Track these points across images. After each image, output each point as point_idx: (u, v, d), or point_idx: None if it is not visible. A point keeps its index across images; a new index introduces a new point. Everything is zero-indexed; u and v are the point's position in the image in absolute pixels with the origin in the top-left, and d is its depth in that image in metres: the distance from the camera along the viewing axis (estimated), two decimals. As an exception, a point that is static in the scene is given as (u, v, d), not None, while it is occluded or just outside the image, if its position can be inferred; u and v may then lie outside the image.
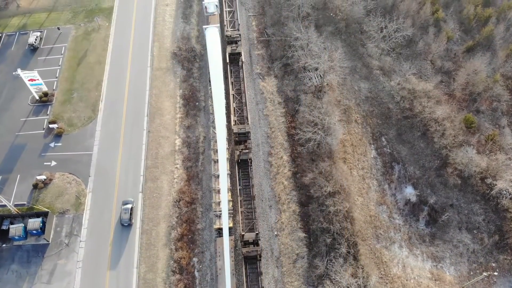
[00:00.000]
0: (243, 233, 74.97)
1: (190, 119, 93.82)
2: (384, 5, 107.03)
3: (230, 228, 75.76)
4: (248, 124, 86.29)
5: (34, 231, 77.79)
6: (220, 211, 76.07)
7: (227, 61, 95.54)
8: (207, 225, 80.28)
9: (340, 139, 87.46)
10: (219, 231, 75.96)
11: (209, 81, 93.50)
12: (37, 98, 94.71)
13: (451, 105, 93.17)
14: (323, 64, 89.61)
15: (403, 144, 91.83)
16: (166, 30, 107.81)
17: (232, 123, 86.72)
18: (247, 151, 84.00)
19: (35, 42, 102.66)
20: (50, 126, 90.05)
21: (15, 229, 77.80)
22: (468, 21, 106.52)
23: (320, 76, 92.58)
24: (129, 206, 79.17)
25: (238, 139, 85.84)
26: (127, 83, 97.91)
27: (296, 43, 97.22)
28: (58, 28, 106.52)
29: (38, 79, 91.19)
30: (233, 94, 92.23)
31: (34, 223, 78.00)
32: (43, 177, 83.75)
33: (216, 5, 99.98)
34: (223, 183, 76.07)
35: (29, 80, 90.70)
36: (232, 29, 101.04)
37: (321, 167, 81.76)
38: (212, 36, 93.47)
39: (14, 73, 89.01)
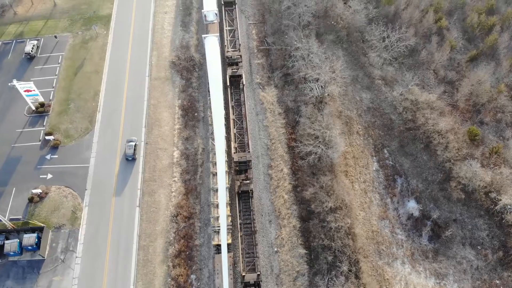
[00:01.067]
0: (243, 274, 72.14)
1: (189, 130, 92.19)
2: (386, 13, 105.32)
3: (229, 245, 74.26)
4: (249, 151, 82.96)
5: (30, 247, 76.28)
6: (219, 226, 74.45)
7: (228, 84, 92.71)
8: (205, 241, 78.64)
9: (341, 151, 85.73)
10: (218, 248, 74.24)
11: (208, 91, 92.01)
12: (34, 108, 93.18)
13: (455, 117, 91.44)
14: (324, 75, 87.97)
15: (405, 156, 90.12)
16: (164, 38, 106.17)
17: (233, 150, 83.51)
18: (248, 181, 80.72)
19: (31, 51, 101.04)
20: (46, 138, 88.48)
21: (10, 244, 76.38)
22: (472, 30, 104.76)
23: (321, 86, 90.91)
24: (133, 143, 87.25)
25: (239, 168, 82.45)
26: (125, 93, 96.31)
27: (297, 53, 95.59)
28: (55, 37, 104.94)
29: (34, 90, 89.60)
30: (234, 119, 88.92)
31: (29, 238, 76.57)
32: (38, 190, 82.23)
33: (216, 14, 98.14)
34: (222, 197, 74.42)
35: (25, 91, 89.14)
36: (232, 50, 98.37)
37: (322, 181, 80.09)
38: (212, 46, 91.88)
39: (9, 84, 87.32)
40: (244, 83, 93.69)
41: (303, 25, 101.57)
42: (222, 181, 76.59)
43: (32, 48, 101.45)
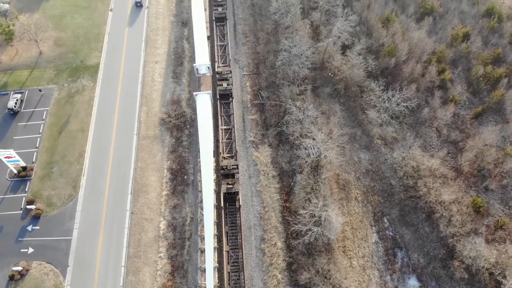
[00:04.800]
0: None
1: (177, 197, 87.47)
2: (387, 65, 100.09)
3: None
4: None
5: (7, 334, 72.45)
6: (207, 316, 69.88)
7: (221, 204, 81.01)
8: (192, 329, 74.31)
9: (340, 226, 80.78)
10: None
11: (199, 151, 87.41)
12: (15, 172, 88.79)
13: (459, 183, 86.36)
14: (321, 145, 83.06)
15: (406, 226, 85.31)
16: (154, 91, 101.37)
17: None
18: None
19: (15, 107, 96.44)
20: (28, 207, 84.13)
21: (-13, 331, 72.57)
22: (477, 82, 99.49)
23: (318, 149, 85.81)
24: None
25: None
26: (111, 154, 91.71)
27: (291, 117, 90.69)
28: (40, 90, 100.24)
29: (14, 156, 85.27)
30: (228, 251, 78.01)
31: (7, 325, 72.66)
32: (19, 268, 77.98)
33: (208, 67, 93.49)
34: (209, 281, 70.22)
35: (5, 158, 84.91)
36: (228, 155, 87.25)
37: (318, 264, 75.35)
38: (203, 105, 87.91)
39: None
40: (241, 203, 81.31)
41: (298, 83, 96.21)
42: (209, 259, 72.39)
43: (16, 103, 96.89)
